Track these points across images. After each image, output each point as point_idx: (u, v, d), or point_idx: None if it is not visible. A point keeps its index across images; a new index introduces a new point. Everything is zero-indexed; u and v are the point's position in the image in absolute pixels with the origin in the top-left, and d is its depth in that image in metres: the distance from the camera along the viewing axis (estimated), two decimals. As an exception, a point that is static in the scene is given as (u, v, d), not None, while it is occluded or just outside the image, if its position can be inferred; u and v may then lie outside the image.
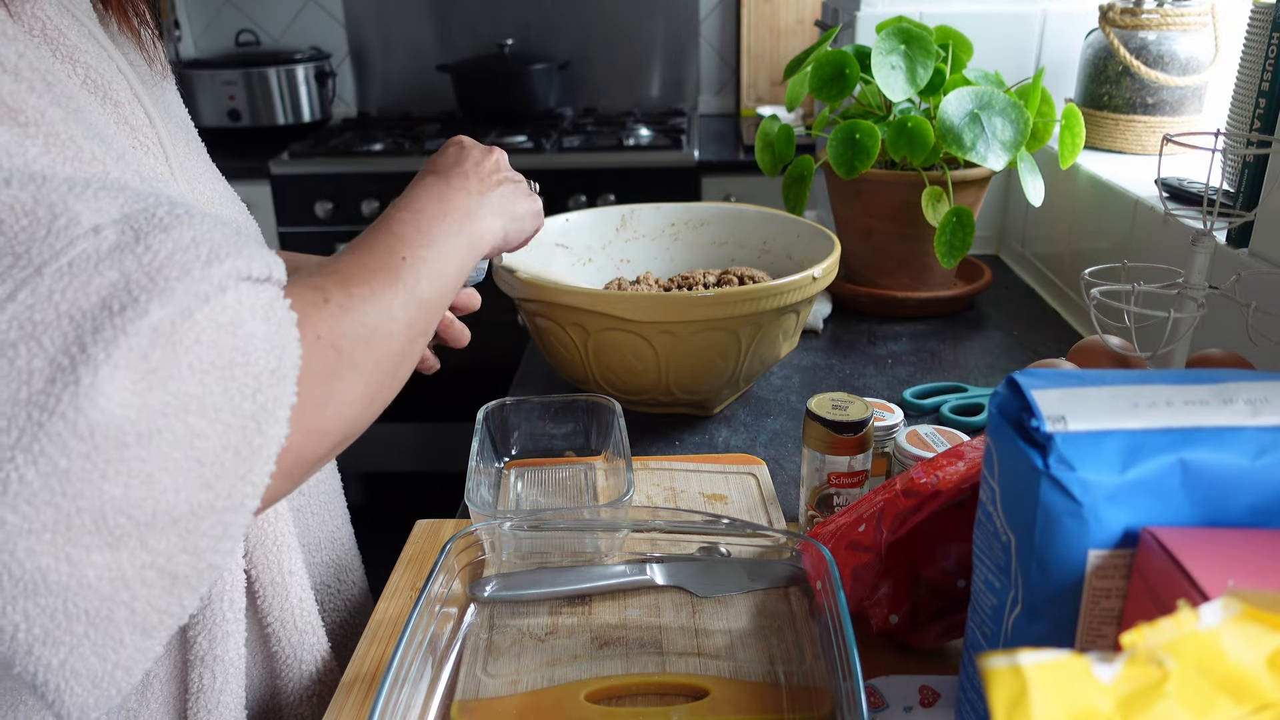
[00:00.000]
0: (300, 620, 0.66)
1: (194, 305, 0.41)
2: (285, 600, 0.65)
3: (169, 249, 0.42)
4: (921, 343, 1.20)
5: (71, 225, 0.41)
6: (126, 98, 0.58)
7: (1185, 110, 1.28)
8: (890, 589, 0.63)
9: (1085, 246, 1.24)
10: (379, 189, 2.18)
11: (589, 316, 0.89)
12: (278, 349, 0.44)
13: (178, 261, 0.42)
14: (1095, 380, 0.43)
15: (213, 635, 0.60)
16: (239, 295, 0.44)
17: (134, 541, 0.40)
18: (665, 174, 2.16)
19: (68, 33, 0.55)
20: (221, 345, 0.42)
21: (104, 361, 0.38)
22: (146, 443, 0.40)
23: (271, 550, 0.65)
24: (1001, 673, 0.29)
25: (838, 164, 1.15)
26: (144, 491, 0.40)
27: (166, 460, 0.40)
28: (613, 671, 0.62)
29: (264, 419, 0.43)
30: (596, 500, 0.85)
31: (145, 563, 0.41)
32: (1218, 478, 0.40)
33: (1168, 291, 0.78)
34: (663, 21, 2.59)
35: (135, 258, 0.42)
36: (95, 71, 0.56)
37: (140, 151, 0.58)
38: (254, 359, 0.43)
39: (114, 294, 0.40)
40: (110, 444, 0.39)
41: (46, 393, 0.38)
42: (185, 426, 0.41)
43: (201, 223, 0.45)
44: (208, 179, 0.67)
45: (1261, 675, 0.30)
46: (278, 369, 0.44)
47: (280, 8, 2.64)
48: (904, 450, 0.77)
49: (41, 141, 0.45)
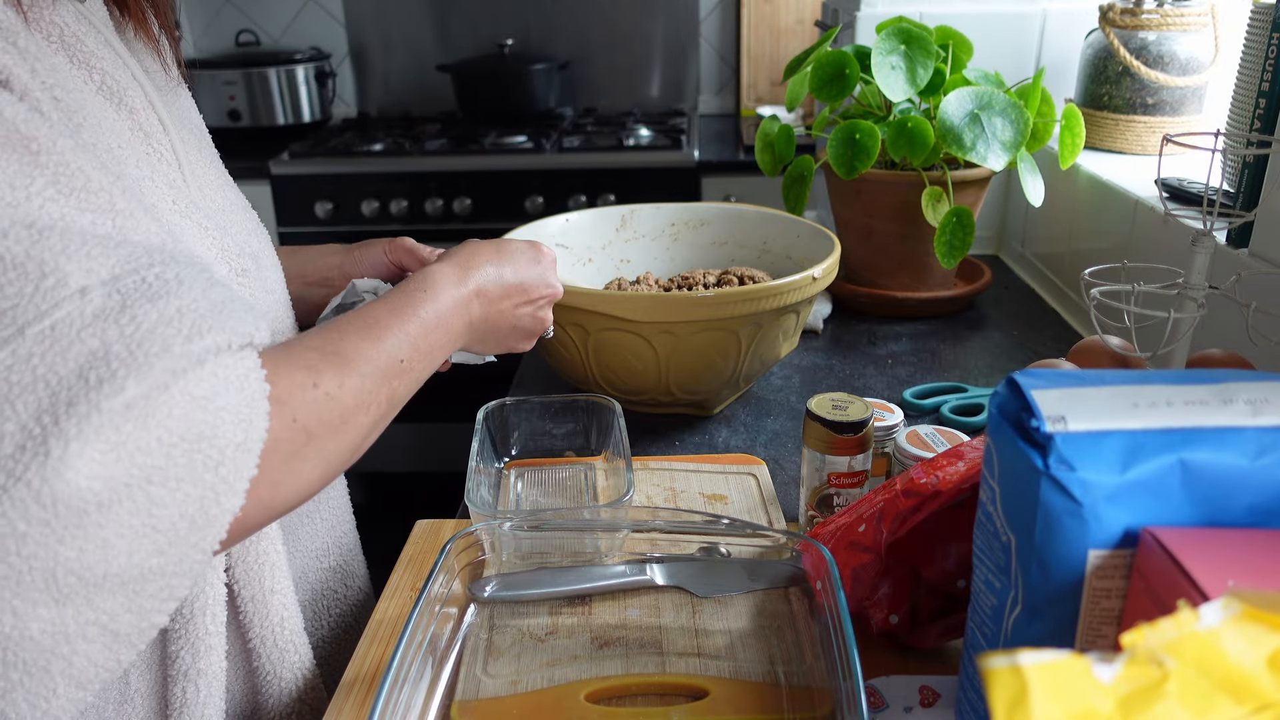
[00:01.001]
0: (281, 638, 0.66)
1: (170, 380, 0.42)
2: (266, 618, 0.65)
3: (153, 320, 0.43)
4: (921, 343, 1.20)
5: (59, 286, 0.42)
6: (141, 104, 0.58)
7: (1185, 110, 1.28)
8: (890, 589, 0.63)
9: (1085, 246, 1.24)
10: (379, 189, 2.18)
11: (589, 316, 0.89)
12: (245, 422, 0.45)
13: (159, 336, 0.42)
14: (1095, 380, 0.43)
15: (195, 649, 0.60)
16: (216, 368, 0.44)
17: (80, 600, 0.41)
18: (665, 174, 2.16)
19: (84, 39, 0.55)
20: (193, 419, 0.42)
21: (74, 437, 0.39)
22: (106, 511, 0.40)
23: (254, 567, 0.64)
24: (1001, 673, 0.29)
25: (838, 164, 1.15)
26: (98, 556, 0.40)
27: (123, 527, 0.41)
28: (613, 672, 0.62)
29: (223, 490, 0.44)
30: (596, 500, 0.85)
31: (89, 620, 0.42)
32: (1218, 478, 0.40)
33: (1168, 292, 0.78)
34: (663, 21, 2.59)
35: (118, 328, 0.42)
36: (111, 78, 0.56)
37: (154, 158, 0.58)
38: (221, 432, 0.44)
39: (93, 364, 0.41)
40: (71, 513, 0.39)
41: (15, 459, 0.38)
42: (146, 496, 0.41)
43: (190, 290, 0.45)
44: (219, 185, 0.67)
45: (1261, 675, 0.30)
46: (244, 442, 0.45)
47: (280, 8, 2.64)
48: (904, 450, 0.77)
49: (51, 171, 0.45)
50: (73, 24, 0.54)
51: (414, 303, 0.62)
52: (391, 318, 0.60)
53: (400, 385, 0.58)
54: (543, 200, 2.17)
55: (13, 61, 0.47)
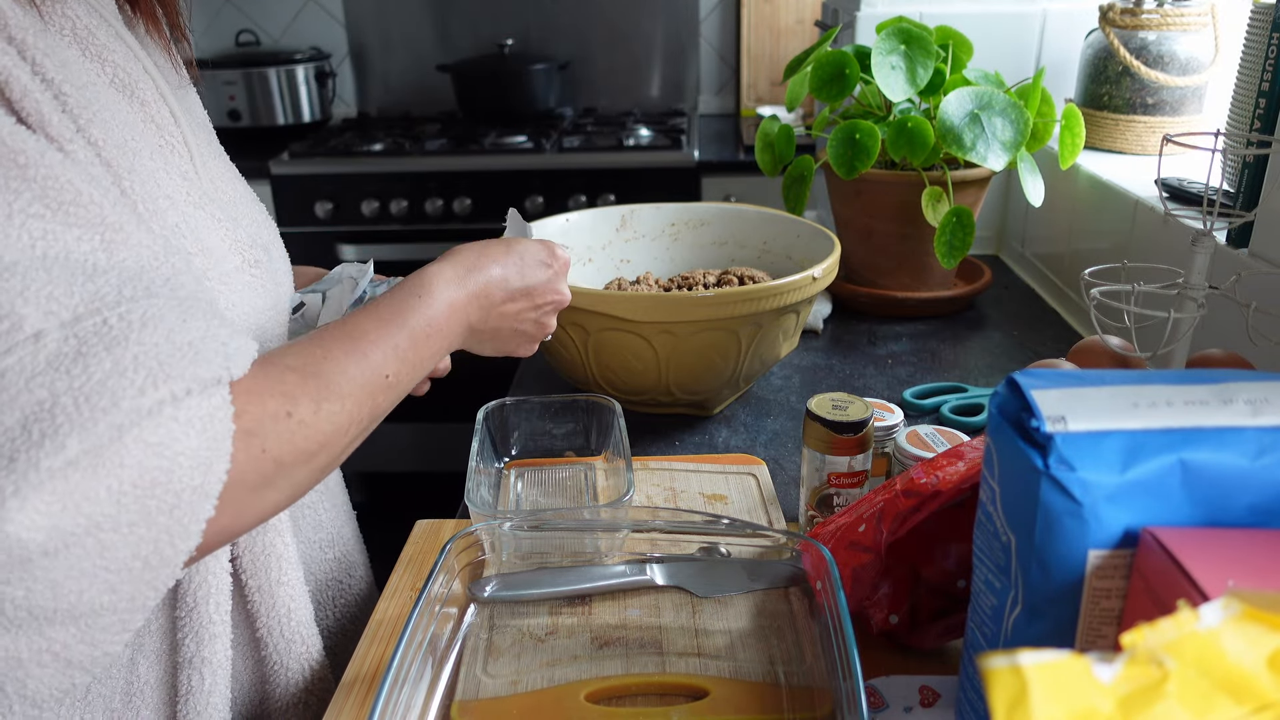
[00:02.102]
0: (288, 629, 0.66)
1: (119, 433, 0.41)
2: (274, 608, 0.65)
3: (105, 371, 0.41)
4: (921, 343, 1.20)
5: (13, 330, 0.41)
6: (153, 97, 0.58)
7: (1185, 110, 1.28)
8: (890, 589, 0.63)
9: (1085, 246, 1.24)
10: (379, 189, 2.18)
11: (589, 316, 0.89)
12: (205, 466, 0.44)
13: (110, 388, 0.41)
14: (1095, 380, 0.43)
15: (200, 638, 0.60)
16: (176, 413, 0.43)
17: (32, 630, 0.41)
18: (665, 174, 2.16)
19: (96, 32, 0.55)
20: (146, 466, 0.41)
21: (13, 494, 0.38)
22: (54, 558, 0.40)
23: (260, 558, 0.64)
24: (1001, 673, 0.29)
25: (838, 164, 1.15)
26: (47, 595, 0.40)
27: (73, 569, 0.40)
28: (613, 672, 0.62)
29: (178, 533, 0.43)
30: (596, 500, 0.85)
31: (41, 648, 0.42)
32: (1218, 478, 0.40)
33: (1168, 292, 0.78)
34: (663, 21, 2.59)
35: (69, 379, 0.41)
36: (123, 70, 0.56)
37: (167, 150, 0.59)
38: (178, 476, 0.42)
39: (38, 417, 0.40)
40: (14, 561, 0.39)
41: None
42: (96, 541, 0.41)
43: (154, 331, 0.44)
44: (229, 179, 0.67)
45: (1261, 675, 0.30)
46: (201, 485, 0.43)
47: (280, 8, 2.63)
48: (904, 450, 0.77)
49: (39, 186, 0.44)
50: (84, 17, 0.55)
51: (405, 310, 0.60)
52: (379, 330, 0.57)
53: (385, 400, 0.56)
54: (543, 200, 2.17)
55: (11, 63, 0.47)
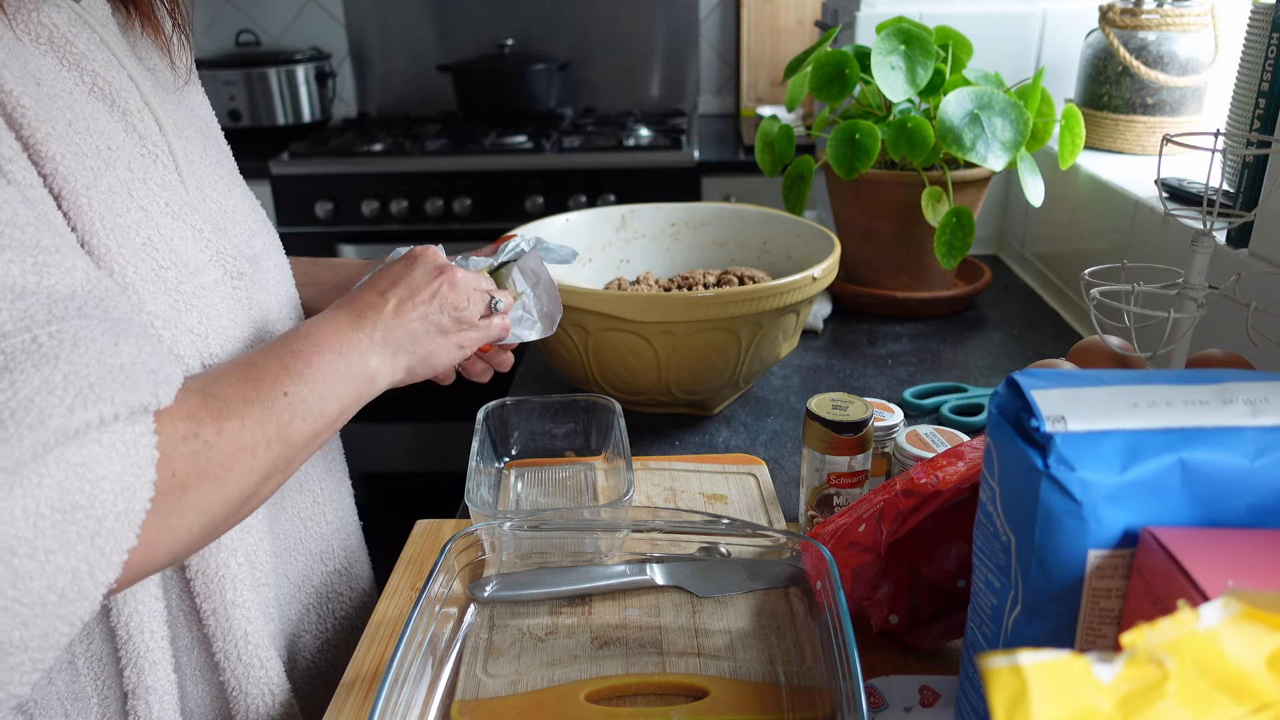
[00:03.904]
0: (245, 652, 0.63)
1: (42, 452, 0.40)
2: (229, 631, 0.62)
3: (32, 388, 0.40)
4: (921, 343, 1.20)
5: None
6: (136, 105, 0.58)
7: (1185, 110, 1.28)
8: (890, 589, 0.63)
9: (1085, 246, 1.24)
10: (379, 189, 2.18)
11: (589, 316, 0.89)
12: (128, 492, 0.42)
13: (36, 406, 0.40)
14: (1095, 380, 0.43)
15: (139, 667, 0.58)
16: (101, 436, 0.42)
17: None
18: (665, 174, 2.16)
19: (75, 40, 0.54)
20: (67, 488, 0.40)
21: None
22: None
23: (213, 579, 0.61)
24: (1001, 673, 0.29)
25: (838, 164, 1.15)
26: None
27: None
28: (613, 671, 0.62)
29: (98, 563, 0.42)
30: (596, 500, 0.85)
31: None
32: (1217, 478, 0.40)
33: (1168, 292, 0.78)
34: (663, 21, 2.59)
35: None
36: (103, 79, 0.55)
37: (148, 160, 0.58)
38: (100, 501, 0.41)
39: None
40: None
41: None
42: (9, 568, 0.39)
43: (85, 353, 0.43)
44: (223, 186, 0.66)
45: (1261, 675, 0.30)
46: (125, 512, 0.42)
47: (280, 8, 2.63)
48: (904, 450, 0.77)
49: None
50: (63, 25, 0.54)
51: (286, 337, 0.59)
52: (265, 355, 0.56)
53: (292, 418, 0.54)
54: (543, 200, 2.17)
55: None
